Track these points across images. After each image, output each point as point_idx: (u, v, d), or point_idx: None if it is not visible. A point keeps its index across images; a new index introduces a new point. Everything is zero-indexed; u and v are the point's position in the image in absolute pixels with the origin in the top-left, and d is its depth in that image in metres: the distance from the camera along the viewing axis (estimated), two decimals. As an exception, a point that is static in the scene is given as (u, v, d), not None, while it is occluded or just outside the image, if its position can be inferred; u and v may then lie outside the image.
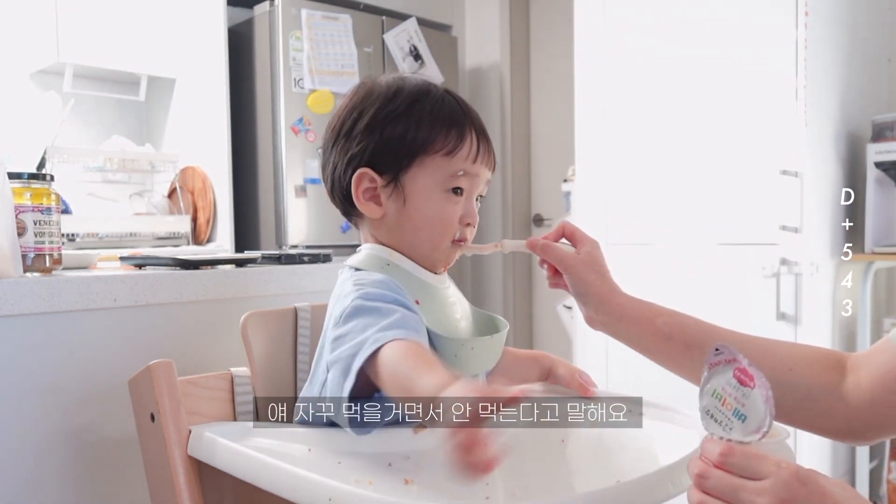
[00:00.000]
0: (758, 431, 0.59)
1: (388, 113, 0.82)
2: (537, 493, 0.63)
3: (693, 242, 2.13)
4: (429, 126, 0.81)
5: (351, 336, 0.74)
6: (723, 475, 0.59)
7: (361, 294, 0.77)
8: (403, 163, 0.82)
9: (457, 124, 0.82)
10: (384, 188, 0.83)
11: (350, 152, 0.83)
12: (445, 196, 0.83)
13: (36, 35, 2.56)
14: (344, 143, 0.85)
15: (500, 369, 0.99)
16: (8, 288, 0.91)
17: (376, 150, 0.82)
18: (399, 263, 0.84)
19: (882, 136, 2.09)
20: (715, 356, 0.64)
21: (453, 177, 0.82)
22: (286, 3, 2.73)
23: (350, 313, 0.76)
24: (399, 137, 0.81)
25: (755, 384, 0.60)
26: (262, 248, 2.81)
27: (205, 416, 0.88)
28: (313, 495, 0.64)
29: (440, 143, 0.81)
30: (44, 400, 0.95)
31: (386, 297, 0.77)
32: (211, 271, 1.12)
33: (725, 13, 2.07)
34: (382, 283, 0.80)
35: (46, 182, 1.05)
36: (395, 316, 0.73)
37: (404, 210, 0.83)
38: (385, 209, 0.84)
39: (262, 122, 2.81)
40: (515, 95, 3.61)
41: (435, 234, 0.83)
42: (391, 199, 0.83)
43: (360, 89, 0.87)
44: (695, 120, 2.13)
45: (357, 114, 0.84)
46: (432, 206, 0.82)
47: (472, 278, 3.66)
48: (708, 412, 0.62)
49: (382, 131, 0.82)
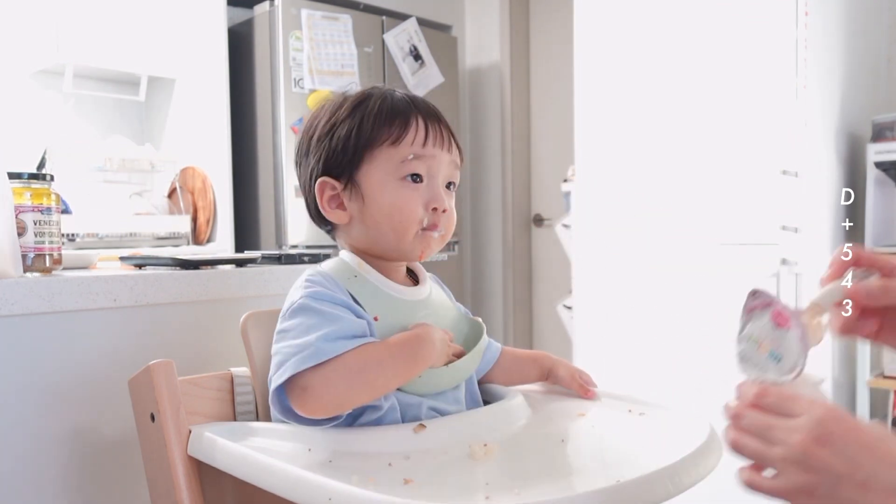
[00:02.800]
0: (792, 371, 0.60)
1: (334, 121, 0.85)
2: (537, 493, 0.63)
3: (693, 242, 2.13)
4: (371, 121, 0.83)
5: (293, 334, 0.77)
6: (757, 414, 0.60)
7: (310, 293, 0.80)
8: (354, 161, 0.84)
9: (399, 114, 0.84)
10: (344, 192, 0.85)
11: (310, 167, 0.87)
12: (401, 184, 0.83)
13: (36, 35, 2.56)
14: (305, 160, 0.88)
15: (500, 369, 0.99)
16: (8, 288, 0.91)
17: (328, 157, 0.85)
18: (366, 276, 0.85)
19: (882, 136, 2.09)
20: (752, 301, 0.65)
21: (404, 162, 0.83)
22: (286, 3, 2.73)
23: (296, 309, 0.79)
24: (345, 139, 0.84)
25: (791, 325, 0.61)
26: (262, 248, 2.81)
27: (205, 416, 0.88)
28: (313, 495, 0.64)
29: (385, 135, 0.83)
30: (44, 400, 0.95)
31: (334, 298, 0.80)
32: (211, 271, 1.12)
33: (725, 13, 2.07)
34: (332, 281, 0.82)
35: (46, 182, 1.05)
36: (338, 325, 0.76)
37: (365, 208, 0.84)
38: (350, 212, 0.85)
39: (262, 122, 2.81)
40: (515, 95, 3.61)
41: (395, 222, 0.83)
42: (352, 200, 0.85)
43: (315, 108, 0.91)
44: (695, 120, 2.13)
45: (311, 130, 0.88)
46: (388, 195, 0.83)
47: (473, 278, 3.67)
48: (744, 357, 0.64)
49: (331, 138, 0.85)
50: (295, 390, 0.74)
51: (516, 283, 3.61)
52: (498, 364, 0.99)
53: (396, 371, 0.77)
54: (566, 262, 2.73)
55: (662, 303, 2.19)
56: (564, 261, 2.86)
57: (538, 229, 3.67)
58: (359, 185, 0.84)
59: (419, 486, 0.65)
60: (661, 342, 2.19)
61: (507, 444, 0.77)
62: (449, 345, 0.84)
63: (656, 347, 2.20)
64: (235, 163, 2.78)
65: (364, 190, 0.84)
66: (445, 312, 0.91)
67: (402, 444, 0.74)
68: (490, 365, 0.98)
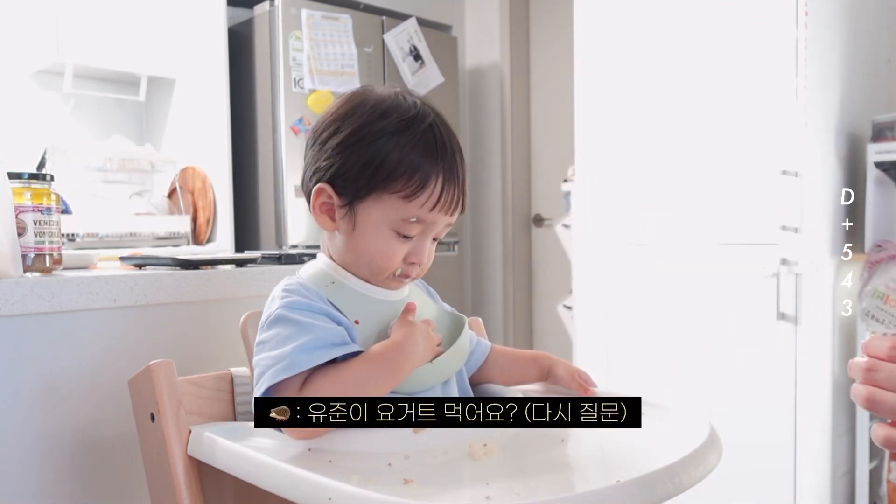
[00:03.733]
0: None
1: (361, 136, 0.81)
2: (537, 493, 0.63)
3: (693, 242, 2.13)
4: (395, 162, 0.80)
5: (270, 346, 0.77)
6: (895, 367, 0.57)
7: (287, 303, 0.79)
8: (361, 193, 0.82)
9: (423, 168, 0.80)
10: (339, 208, 0.84)
11: (318, 164, 0.84)
12: (393, 236, 0.82)
13: (36, 35, 2.56)
14: (317, 151, 0.85)
15: (500, 369, 0.99)
16: (8, 288, 0.91)
17: (339, 172, 0.82)
18: (344, 281, 0.85)
19: (882, 136, 2.09)
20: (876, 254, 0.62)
21: (405, 222, 0.82)
22: (286, 3, 2.73)
23: (273, 320, 0.79)
24: (363, 166, 0.80)
25: None
26: (262, 248, 2.81)
27: (205, 416, 0.88)
28: (313, 495, 0.64)
29: (400, 185, 0.80)
30: (44, 400, 0.95)
31: (312, 306, 0.79)
32: (211, 271, 1.12)
33: (725, 13, 2.07)
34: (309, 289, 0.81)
35: (46, 182, 1.05)
36: (314, 334, 0.76)
37: (353, 234, 0.83)
38: (337, 226, 0.85)
39: (262, 122, 2.81)
40: (515, 95, 3.61)
41: (374, 265, 0.83)
42: (344, 220, 0.84)
43: (351, 99, 0.85)
44: (695, 120, 2.13)
45: (337, 126, 0.83)
46: (378, 242, 0.82)
47: (473, 278, 3.67)
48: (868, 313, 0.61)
49: (350, 154, 0.81)
50: None
51: (516, 282, 3.61)
52: (497, 364, 0.99)
53: (378, 387, 0.76)
54: (566, 262, 2.73)
55: (662, 303, 2.19)
56: (564, 261, 2.86)
57: (538, 229, 3.67)
58: (355, 214, 0.83)
59: (419, 486, 0.65)
60: (661, 342, 2.19)
61: (507, 444, 0.77)
62: (432, 336, 0.84)
63: (656, 347, 2.20)
64: (235, 163, 2.78)
65: (358, 221, 0.83)
66: (425, 309, 0.90)
67: (402, 444, 0.74)
68: (481, 360, 0.98)
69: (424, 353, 0.81)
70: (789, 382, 1.95)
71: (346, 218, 0.84)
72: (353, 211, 0.83)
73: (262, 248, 2.80)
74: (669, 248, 2.18)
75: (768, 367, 1.98)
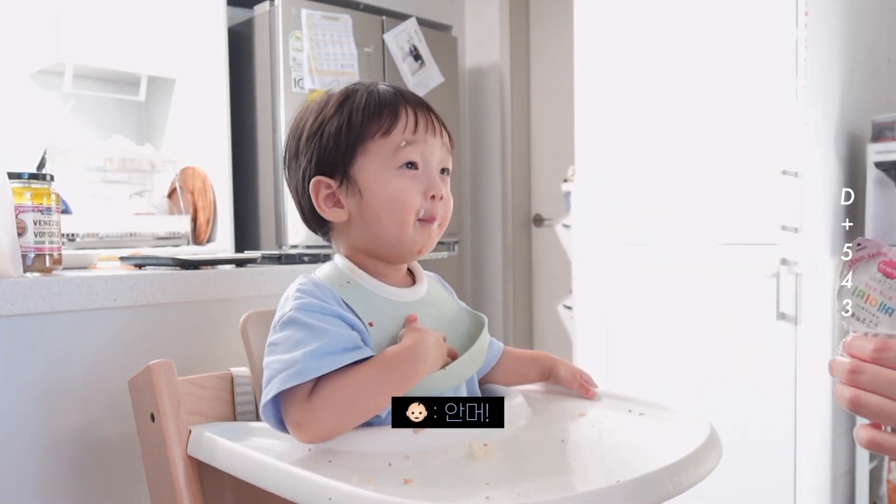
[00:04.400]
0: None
1: (322, 118, 0.84)
2: (537, 493, 0.63)
3: (693, 242, 2.13)
4: (360, 114, 0.83)
5: (281, 348, 0.76)
6: (879, 369, 0.57)
7: (300, 304, 0.78)
8: (347, 157, 0.83)
9: (388, 105, 0.83)
10: (340, 189, 0.84)
11: (301, 168, 0.86)
12: (398, 172, 0.82)
13: (36, 35, 2.56)
14: (295, 162, 0.87)
15: (501, 369, 0.99)
16: (8, 288, 0.91)
17: (320, 156, 0.84)
18: (359, 281, 0.84)
19: (882, 136, 2.09)
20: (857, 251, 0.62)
21: (397, 151, 0.82)
22: (286, 3, 2.73)
23: (285, 322, 0.78)
24: (336, 135, 0.83)
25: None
26: (262, 248, 2.81)
27: (205, 416, 0.88)
28: (313, 495, 0.64)
29: (375, 126, 0.82)
30: (44, 400, 0.95)
31: (325, 309, 0.78)
32: (211, 271, 1.12)
33: (725, 13, 2.07)
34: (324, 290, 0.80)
35: (46, 182, 1.05)
36: (327, 339, 0.75)
37: (363, 202, 0.83)
38: (348, 209, 0.84)
39: (262, 122, 2.81)
40: (515, 95, 3.61)
41: (396, 213, 0.82)
42: (349, 196, 0.84)
43: (298, 110, 0.89)
44: (695, 120, 2.13)
45: (299, 131, 0.87)
46: (387, 185, 0.82)
47: (473, 278, 3.67)
48: (848, 311, 0.61)
49: (321, 136, 0.84)
50: (288, 416, 0.74)
51: (516, 282, 3.61)
52: (498, 364, 0.99)
53: (388, 393, 0.74)
54: (566, 262, 2.73)
55: (662, 303, 2.19)
56: (564, 261, 2.86)
57: (538, 229, 3.67)
58: (355, 180, 0.83)
59: (419, 486, 0.65)
60: (661, 342, 2.19)
61: (507, 444, 0.77)
62: (443, 345, 0.83)
63: (656, 347, 2.20)
64: (235, 163, 2.78)
65: (361, 184, 0.83)
66: (445, 308, 0.90)
67: (402, 444, 0.74)
68: (493, 363, 0.97)
69: (434, 361, 0.80)
70: (789, 382, 1.95)
71: (349, 192, 0.83)
72: (351, 180, 0.83)
73: (262, 248, 2.80)
74: (669, 248, 2.18)
75: (768, 367, 1.98)
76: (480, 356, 0.88)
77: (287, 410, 0.74)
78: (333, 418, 0.73)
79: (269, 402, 0.74)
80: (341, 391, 0.73)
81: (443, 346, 0.83)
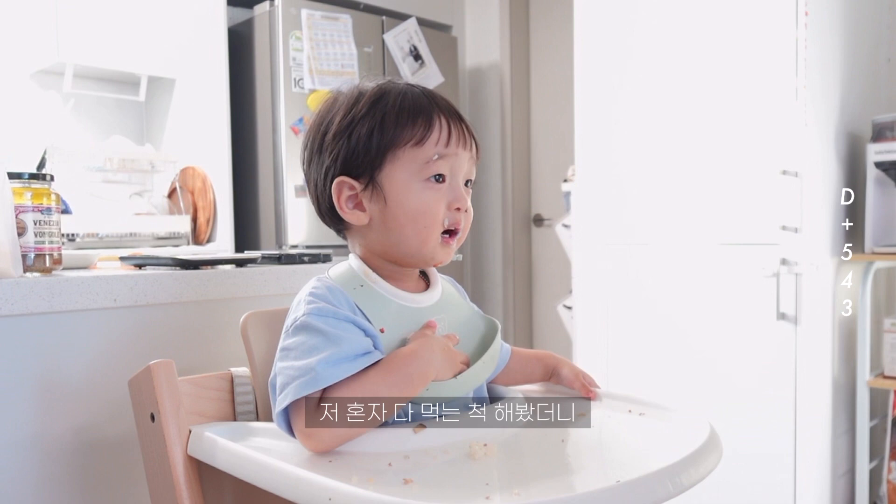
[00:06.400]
0: None
1: (352, 117, 0.81)
2: (537, 493, 0.63)
3: (693, 242, 2.13)
4: (394, 120, 0.80)
5: (295, 354, 0.75)
6: None
7: (313, 309, 0.77)
8: (376, 162, 0.80)
9: (423, 112, 0.81)
10: (364, 192, 0.82)
11: (325, 165, 0.83)
12: (426, 185, 0.81)
13: (36, 35, 2.56)
14: (318, 157, 0.84)
15: (505, 368, 0.99)
16: (8, 288, 0.91)
17: (347, 156, 0.81)
18: (373, 285, 0.82)
19: (882, 136, 2.09)
20: None
21: (428, 163, 0.80)
22: (286, 3, 2.73)
23: (299, 326, 0.76)
24: (366, 138, 0.80)
25: None
26: (262, 248, 2.81)
27: (205, 416, 0.88)
28: (313, 495, 0.64)
29: (408, 134, 0.80)
30: (44, 400, 0.95)
31: (338, 314, 0.77)
32: (211, 271, 1.12)
33: (725, 13, 2.07)
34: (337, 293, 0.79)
35: (46, 182, 1.05)
36: (340, 346, 0.73)
37: (387, 210, 0.81)
38: (370, 213, 0.82)
39: (262, 122, 2.81)
40: (515, 95, 3.61)
41: (420, 226, 0.81)
42: (372, 201, 0.82)
43: (325, 102, 0.86)
44: (694, 120, 2.13)
45: (325, 126, 0.84)
46: (413, 197, 0.80)
47: (473, 278, 3.67)
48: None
49: (350, 136, 0.81)
50: (297, 425, 0.73)
51: (516, 283, 3.61)
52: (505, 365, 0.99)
53: (393, 398, 0.74)
54: (566, 262, 2.73)
55: (662, 303, 2.19)
56: (564, 261, 2.86)
57: (538, 229, 3.67)
58: (381, 187, 0.81)
59: (419, 486, 0.65)
60: (661, 342, 2.19)
61: (506, 444, 0.77)
62: (454, 351, 0.81)
63: (656, 347, 2.20)
64: (235, 163, 2.78)
65: (387, 191, 0.81)
66: (459, 313, 0.89)
67: (402, 444, 0.74)
68: (501, 367, 0.97)
69: (442, 368, 0.78)
70: (789, 382, 1.95)
71: (373, 197, 0.81)
72: (377, 185, 0.81)
73: (262, 248, 2.80)
74: (669, 248, 2.18)
75: (768, 367, 1.98)
76: (492, 363, 0.87)
77: (297, 419, 0.73)
78: (342, 428, 0.72)
79: (283, 410, 0.73)
80: (350, 393, 0.72)
81: (452, 351, 0.81)
